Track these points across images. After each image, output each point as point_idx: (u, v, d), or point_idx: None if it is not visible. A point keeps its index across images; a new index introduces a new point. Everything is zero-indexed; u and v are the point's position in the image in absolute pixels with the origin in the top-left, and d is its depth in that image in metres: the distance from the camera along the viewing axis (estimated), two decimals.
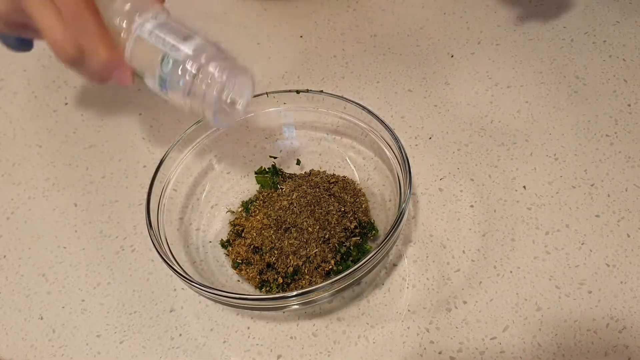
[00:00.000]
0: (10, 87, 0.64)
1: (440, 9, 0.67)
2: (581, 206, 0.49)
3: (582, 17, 0.64)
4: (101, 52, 0.37)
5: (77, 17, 0.36)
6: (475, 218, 0.49)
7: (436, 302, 0.44)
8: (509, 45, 0.62)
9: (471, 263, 0.46)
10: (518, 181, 0.51)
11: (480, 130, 0.55)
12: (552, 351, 0.41)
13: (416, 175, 0.52)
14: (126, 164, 0.56)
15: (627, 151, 0.52)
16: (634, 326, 0.42)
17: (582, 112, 0.55)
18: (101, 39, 0.37)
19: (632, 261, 0.45)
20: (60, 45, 0.37)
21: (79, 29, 0.37)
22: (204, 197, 0.51)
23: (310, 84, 0.60)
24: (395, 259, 0.47)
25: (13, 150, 0.59)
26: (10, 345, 0.45)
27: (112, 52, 0.38)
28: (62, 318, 0.46)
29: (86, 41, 0.37)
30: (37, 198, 0.54)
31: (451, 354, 0.42)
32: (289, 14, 0.68)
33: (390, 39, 0.64)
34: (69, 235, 0.51)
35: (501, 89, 0.58)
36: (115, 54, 0.38)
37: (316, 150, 0.53)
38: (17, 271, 0.50)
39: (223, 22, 0.68)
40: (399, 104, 0.58)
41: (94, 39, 0.37)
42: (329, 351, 0.43)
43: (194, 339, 0.44)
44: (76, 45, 0.37)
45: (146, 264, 0.49)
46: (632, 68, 0.59)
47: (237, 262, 0.46)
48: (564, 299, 0.44)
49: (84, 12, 0.36)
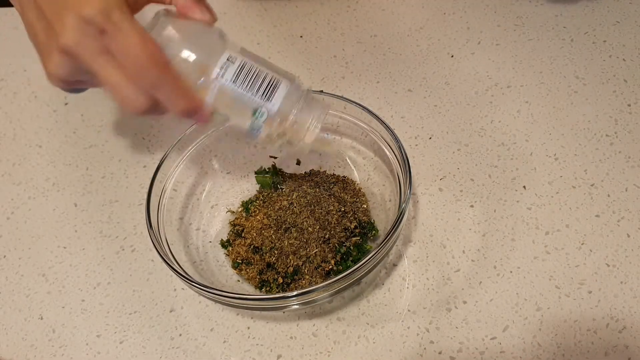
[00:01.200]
0: (10, 87, 0.64)
1: (440, 9, 0.67)
2: (581, 206, 0.49)
3: (582, 17, 0.64)
4: (178, 102, 0.36)
5: (143, 74, 0.35)
6: (475, 218, 0.49)
7: (436, 302, 0.44)
8: (509, 45, 0.62)
9: (471, 263, 0.46)
10: (518, 181, 0.51)
11: (480, 130, 0.55)
12: (552, 351, 0.41)
13: (416, 175, 0.52)
14: (126, 164, 0.56)
15: (627, 151, 0.52)
16: (634, 326, 0.42)
17: (582, 112, 0.55)
18: (174, 90, 0.36)
19: (632, 261, 0.45)
20: (129, 100, 0.36)
21: (147, 84, 0.35)
22: (204, 197, 0.51)
23: (310, 84, 0.60)
24: (395, 259, 0.47)
25: (13, 150, 0.59)
26: (10, 345, 0.45)
27: (189, 101, 0.37)
28: (62, 318, 0.46)
29: (159, 94, 0.36)
30: (37, 198, 0.54)
31: (451, 354, 0.42)
32: (289, 14, 0.68)
33: (390, 39, 0.64)
34: (69, 235, 0.51)
35: (501, 89, 0.58)
36: (193, 102, 0.37)
37: (316, 150, 0.53)
38: (17, 271, 0.50)
39: (223, 22, 0.68)
40: (399, 104, 0.58)
41: (166, 91, 0.36)
42: (329, 351, 0.43)
43: (194, 339, 0.44)
44: (148, 97, 0.36)
45: (146, 264, 0.49)
46: (632, 68, 0.59)
47: (237, 262, 0.46)
48: (564, 299, 0.44)
49: (150, 67, 0.35)
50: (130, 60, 0.35)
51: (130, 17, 0.35)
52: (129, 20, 0.35)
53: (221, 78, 0.37)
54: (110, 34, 0.34)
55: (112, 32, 0.34)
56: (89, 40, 0.34)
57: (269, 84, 0.38)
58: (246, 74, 0.38)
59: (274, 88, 0.38)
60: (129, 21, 0.35)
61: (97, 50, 0.35)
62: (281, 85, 0.39)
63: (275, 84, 0.38)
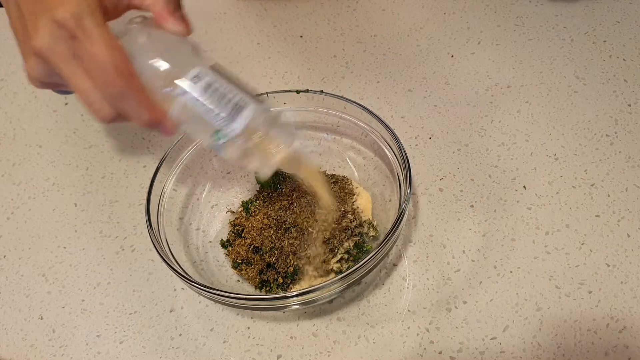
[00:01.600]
0: (10, 87, 0.64)
1: (440, 9, 0.67)
2: (581, 206, 0.49)
3: (582, 17, 0.64)
4: (141, 114, 0.36)
5: (108, 84, 0.35)
6: (475, 218, 0.49)
7: (436, 302, 0.44)
8: (509, 45, 0.62)
9: (471, 263, 0.46)
10: (518, 181, 0.51)
11: (480, 130, 0.55)
12: (552, 351, 0.41)
13: (416, 175, 0.52)
14: (126, 164, 0.56)
15: (627, 151, 0.52)
16: (634, 326, 0.42)
17: (582, 112, 0.55)
18: (138, 102, 0.36)
19: (632, 261, 0.45)
20: (95, 108, 0.36)
21: (111, 94, 0.35)
22: (204, 197, 0.51)
23: (310, 84, 0.60)
24: (395, 259, 0.47)
25: (13, 150, 0.59)
26: (10, 345, 0.45)
27: (153, 113, 0.37)
28: (62, 318, 0.46)
29: (122, 105, 0.36)
30: (37, 198, 0.54)
31: (451, 354, 0.42)
32: (289, 14, 0.68)
33: (390, 39, 0.64)
34: (69, 235, 0.51)
35: (501, 89, 0.58)
36: (156, 115, 0.37)
37: (316, 150, 0.53)
38: (17, 271, 0.50)
39: (223, 22, 0.68)
40: (399, 104, 0.58)
41: (130, 103, 0.36)
42: (329, 351, 0.43)
43: (194, 339, 0.44)
44: (114, 107, 0.36)
45: (146, 264, 0.49)
46: (632, 68, 0.59)
47: (237, 262, 0.46)
48: (564, 299, 0.44)
49: (115, 78, 0.35)
50: (97, 69, 0.34)
51: (101, 23, 0.35)
52: (99, 27, 0.34)
53: (187, 94, 0.37)
54: (80, 40, 0.34)
55: (82, 38, 0.34)
56: (60, 44, 0.34)
57: (234, 105, 0.37)
58: (212, 93, 0.37)
59: (239, 110, 0.37)
60: (99, 28, 0.34)
61: (68, 55, 0.35)
62: (247, 108, 0.38)
63: (242, 106, 0.37)
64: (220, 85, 0.37)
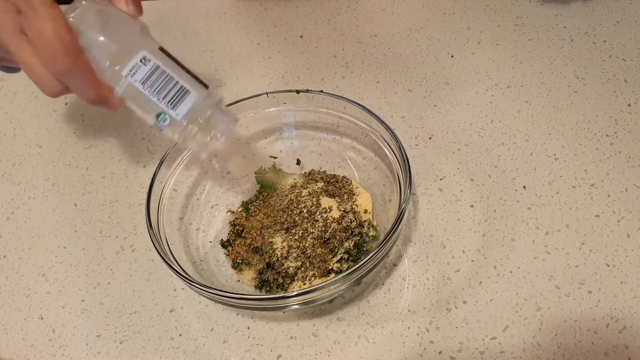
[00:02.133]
0: (10, 87, 0.64)
1: (440, 9, 0.67)
2: (581, 206, 0.49)
3: (582, 17, 0.64)
4: (87, 91, 0.37)
5: (55, 60, 0.35)
6: (475, 218, 0.49)
7: (436, 302, 0.44)
8: (509, 45, 0.62)
9: (471, 263, 0.46)
10: (518, 181, 0.51)
11: (480, 130, 0.55)
12: (552, 351, 0.41)
13: (416, 175, 0.52)
14: (126, 164, 0.56)
15: (627, 151, 0.52)
16: (634, 326, 0.42)
17: (582, 112, 0.55)
18: (84, 80, 0.36)
19: (632, 261, 0.45)
20: (42, 83, 0.36)
21: (58, 70, 0.35)
22: (204, 197, 0.51)
23: (310, 84, 0.60)
24: (395, 259, 0.47)
25: (13, 150, 0.59)
26: (10, 345, 0.45)
27: (98, 91, 0.37)
28: (62, 318, 0.46)
29: (69, 82, 0.36)
30: (37, 198, 0.54)
31: (451, 354, 0.42)
32: (289, 14, 0.68)
33: (390, 39, 0.64)
34: (69, 235, 0.51)
35: (501, 89, 0.58)
36: (101, 92, 0.37)
37: (316, 150, 0.53)
38: (17, 271, 0.50)
39: (223, 22, 0.68)
40: (399, 104, 0.58)
41: (76, 80, 0.36)
42: (329, 351, 0.43)
43: (194, 339, 0.44)
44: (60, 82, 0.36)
45: (146, 264, 0.49)
46: (632, 68, 0.59)
47: (237, 262, 0.46)
48: (564, 299, 0.44)
49: (62, 54, 0.34)
50: (43, 45, 0.34)
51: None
52: (47, 3, 0.34)
53: (131, 77, 0.37)
54: (26, 15, 0.34)
55: (28, 13, 0.34)
56: (6, 18, 0.34)
57: (177, 92, 0.38)
58: (156, 79, 0.38)
59: (181, 97, 0.38)
60: (47, 4, 0.34)
61: (14, 29, 0.34)
62: (189, 95, 0.39)
63: (184, 93, 0.38)
64: (163, 72, 0.38)
